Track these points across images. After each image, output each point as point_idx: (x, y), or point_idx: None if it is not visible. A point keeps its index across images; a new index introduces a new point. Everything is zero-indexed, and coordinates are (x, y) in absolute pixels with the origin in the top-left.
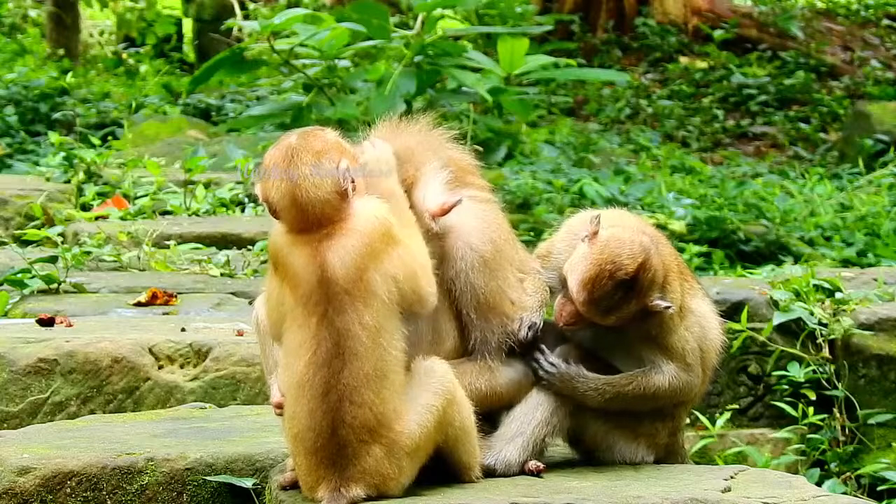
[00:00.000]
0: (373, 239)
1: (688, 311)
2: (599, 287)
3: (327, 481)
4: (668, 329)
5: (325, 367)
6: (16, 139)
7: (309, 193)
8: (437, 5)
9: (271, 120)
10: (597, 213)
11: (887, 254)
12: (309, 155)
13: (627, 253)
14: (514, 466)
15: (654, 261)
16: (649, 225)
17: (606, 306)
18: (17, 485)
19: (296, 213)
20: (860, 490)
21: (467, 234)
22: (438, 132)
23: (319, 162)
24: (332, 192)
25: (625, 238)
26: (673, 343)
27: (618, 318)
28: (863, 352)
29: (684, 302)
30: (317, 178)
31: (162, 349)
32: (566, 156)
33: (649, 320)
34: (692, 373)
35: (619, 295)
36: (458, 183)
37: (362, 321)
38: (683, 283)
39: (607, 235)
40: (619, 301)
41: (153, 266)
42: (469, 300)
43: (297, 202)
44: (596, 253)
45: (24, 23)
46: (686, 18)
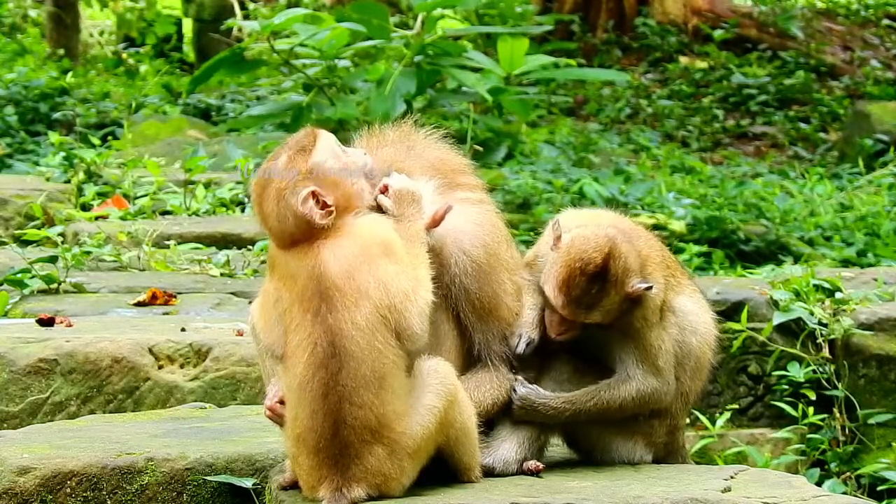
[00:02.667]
0: (369, 243)
1: (668, 311)
2: (575, 286)
3: (329, 481)
4: (648, 324)
5: (322, 368)
6: (16, 139)
7: (280, 225)
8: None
9: (271, 120)
10: (556, 218)
11: (887, 254)
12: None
13: (593, 246)
14: (512, 465)
15: (623, 248)
16: (623, 219)
17: (587, 303)
18: (17, 485)
19: (277, 240)
20: (860, 490)
21: (459, 240)
22: (423, 134)
23: (282, 199)
24: (300, 225)
25: (587, 234)
26: (650, 341)
27: (603, 312)
28: (863, 352)
29: (666, 298)
30: (280, 215)
31: (162, 349)
32: (566, 156)
33: (635, 312)
34: (661, 378)
35: (596, 288)
36: (448, 186)
37: (354, 321)
38: (669, 277)
39: (570, 237)
40: (597, 295)
41: (153, 266)
42: (465, 305)
43: (273, 232)
44: (563, 255)
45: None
46: (686, 18)
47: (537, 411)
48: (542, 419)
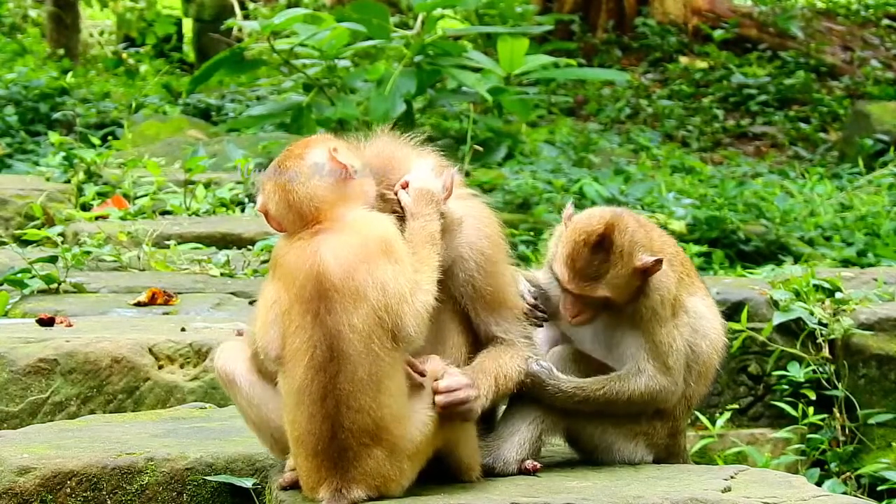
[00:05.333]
0: (368, 240)
1: (681, 308)
2: (579, 258)
3: (329, 482)
4: (657, 317)
5: (321, 372)
6: (16, 139)
7: (299, 192)
8: (437, 5)
9: (271, 120)
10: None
11: (887, 254)
12: (293, 158)
13: (597, 219)
14: (511, 464)
15: (630, 223)
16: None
17: (591, 275)
18: (17, 485)
19: (291, 216)
20: (860, 490)
21: (465, 233)
22: (405, 139)
23: (304, 160)
24: (325, 184)
25: (594, 211)
26: (660, 337)
27: (610, 287)
28: (863, 352)
29: (679, 296)
30: (303, 175)
31: (162, 349)
32: (566, 156)
33: (645, 301)
34: (670, 377)
35: (599, 259)
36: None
37: (352, 323)
38: (683, 276)
39: (579, 215)
40: (600, 266)
41: (153, 266)
42: (475, 297)
43: (290, 203)
44: (569, 231)
45: (24, 23)
46: (686, 18)
47: (546, 391)
48: (550, 400)
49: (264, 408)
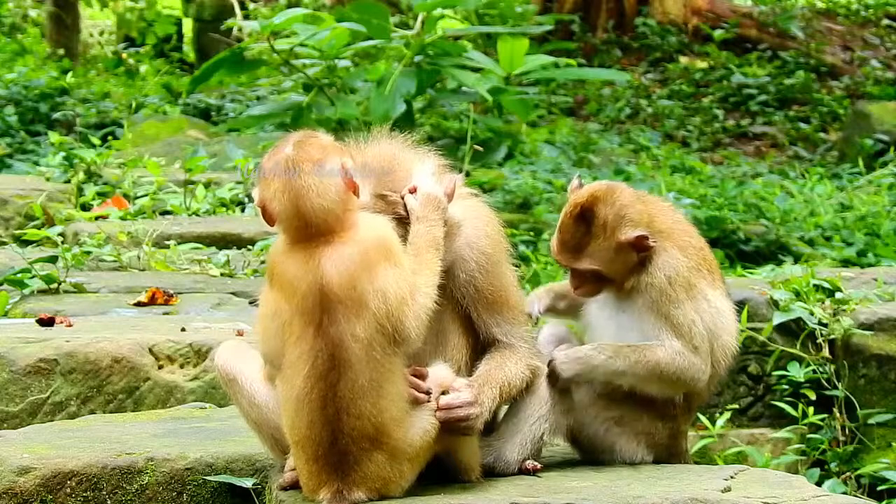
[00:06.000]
0: (368, 248)
1: (700, 295)
2: (565, 230)
3: (329, 485)
4: (668, 298)
5: (322, 380)
6: (16, 139)
7: (313, 202)
8: (437, 5)
9: (271, 120)
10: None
11: (887, 254)
12: (310, 163)
13: (587, 192)
14: (512, 465)
15: (622, 198)
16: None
17: (574, 245)
18: (17, 485)
19: (298, 223)
20: (860, 490)
21: (466, 234)
22: (405, 139)
23: (321, 168)
24: (336, 199)
25: (593, 184)
26: (678, 318)
27: (594, 259)
28: (863, 352)
29: (697, 283)
30: (321, 186)
31: (162, 349)
32: (566, 156)
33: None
34: (699, 356)
35: (582, 230)
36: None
37: (354, 333)
38: (701, 268)
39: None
40: (583, 237)
41: (153, 266)
42: (477, 298)
43: (301, 211)
44: (565, 206)
45: (24, 23)
46: (686, 18)
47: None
48: (590, 375)
49: (265, 408)
